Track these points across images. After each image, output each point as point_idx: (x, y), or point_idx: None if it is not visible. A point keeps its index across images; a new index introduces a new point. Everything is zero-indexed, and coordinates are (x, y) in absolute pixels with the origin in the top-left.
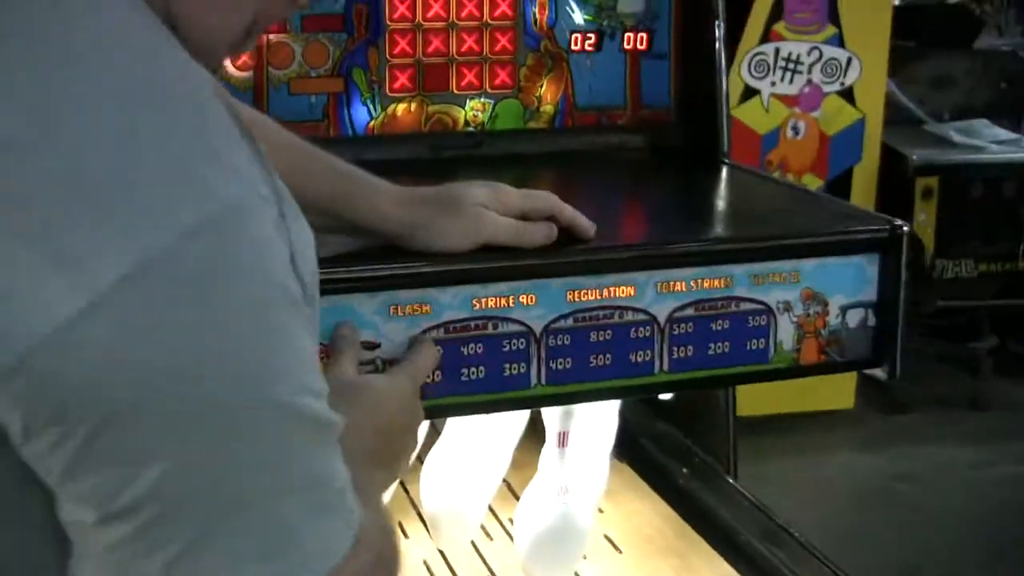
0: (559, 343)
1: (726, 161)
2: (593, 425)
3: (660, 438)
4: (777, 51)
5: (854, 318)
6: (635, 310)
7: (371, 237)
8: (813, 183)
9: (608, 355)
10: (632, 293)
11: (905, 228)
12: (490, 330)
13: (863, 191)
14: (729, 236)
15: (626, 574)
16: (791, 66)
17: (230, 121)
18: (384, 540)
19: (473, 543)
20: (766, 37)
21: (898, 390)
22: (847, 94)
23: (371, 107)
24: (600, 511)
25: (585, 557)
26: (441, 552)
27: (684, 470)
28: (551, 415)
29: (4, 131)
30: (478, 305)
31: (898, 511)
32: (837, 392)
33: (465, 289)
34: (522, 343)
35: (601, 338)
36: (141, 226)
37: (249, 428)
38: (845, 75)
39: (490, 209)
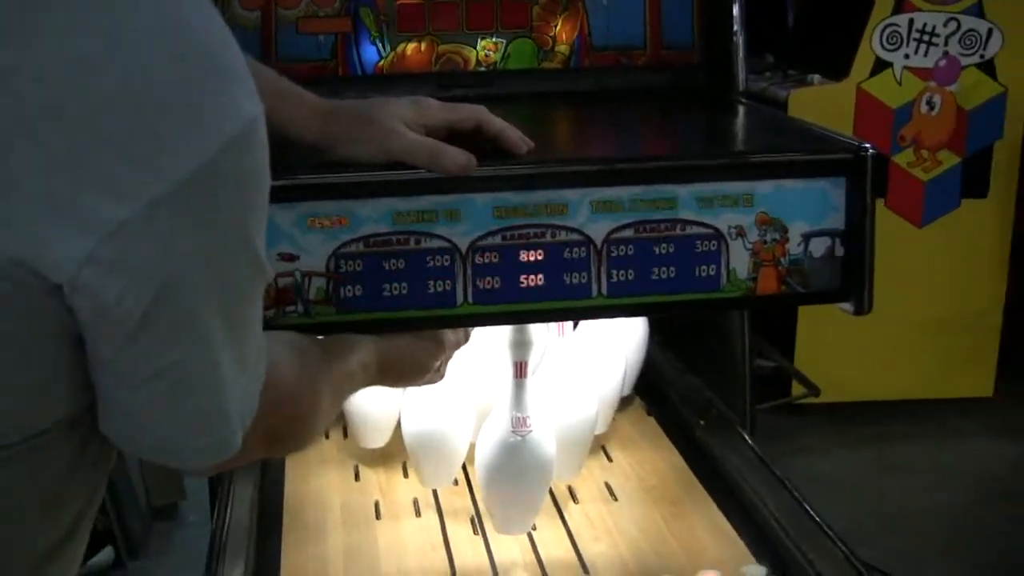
0: (486, 261)
1: (743, 100)
2: (569, 357)
3: (685, 391)
4: (911, 22)
5: (819, 247)
6: (568, 229)
7: (298, 151)
8: (950, 160)
9: (540, 276)
10: (564, 212)
11: (872, 151)
12: (412, 245)
13: (1005, 168)
14: (669, 154)
15: (613, 519)
16: (926, 38)
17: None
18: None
19: (469, 485)
20: (899, 8)
21: None
22: (987, 67)
23: (380, 46)
24: (609, 460)
25: (576, 501)
26: (434, 493)
27: (701, 422)
28: (505, 345)
29: (81, 49)
30: (399, 220)
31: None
32: (976, 380)
33: (385, 202)
34: (447, 260)
35: (532, 258)
36: (197, 137)
37: (251, 287)
38: (985, 47)
39: (411, 125)
